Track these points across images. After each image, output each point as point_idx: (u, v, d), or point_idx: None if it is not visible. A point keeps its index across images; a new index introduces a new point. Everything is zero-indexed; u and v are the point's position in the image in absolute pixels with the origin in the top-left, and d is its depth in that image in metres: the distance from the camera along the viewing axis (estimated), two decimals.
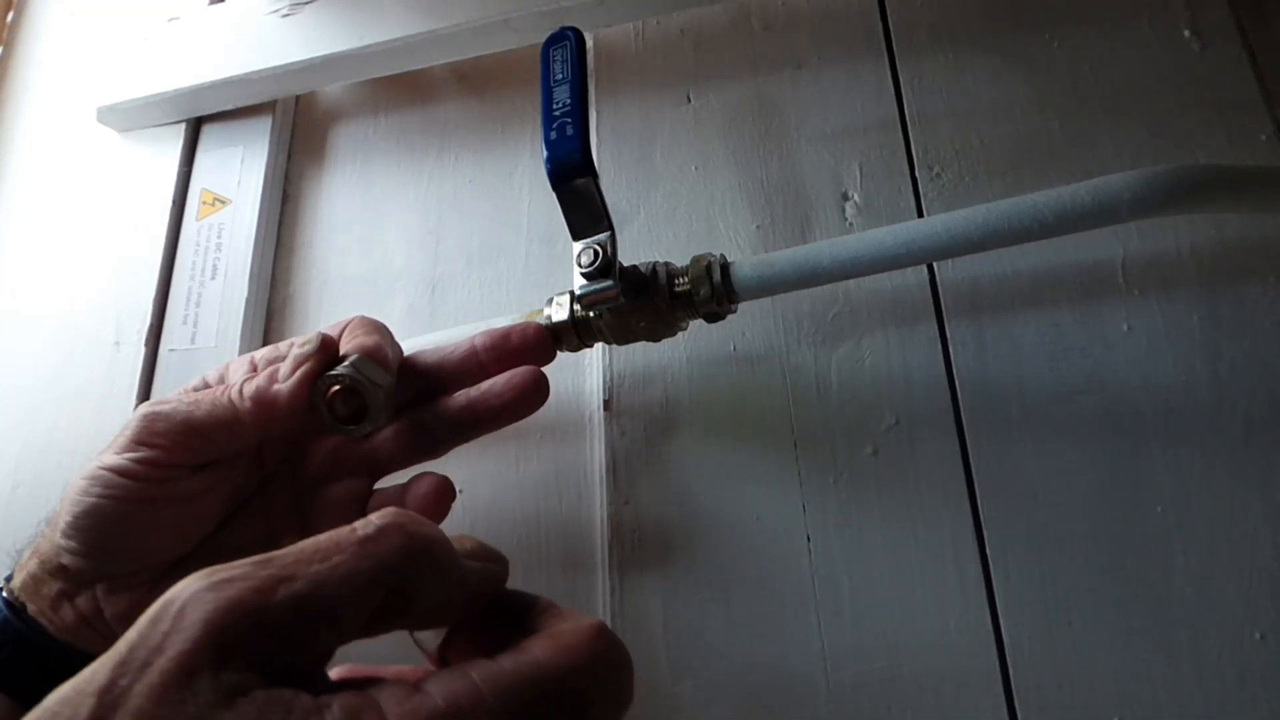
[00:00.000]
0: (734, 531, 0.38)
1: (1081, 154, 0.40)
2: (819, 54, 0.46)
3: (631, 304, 0.36)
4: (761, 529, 0.38)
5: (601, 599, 0.38)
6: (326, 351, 0.34)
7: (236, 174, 0.52)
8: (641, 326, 0.37)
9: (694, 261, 0.37)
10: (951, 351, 0.39)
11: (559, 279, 0.45)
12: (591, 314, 0.37)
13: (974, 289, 0.39)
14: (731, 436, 0.40)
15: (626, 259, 0.37)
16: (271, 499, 0.36)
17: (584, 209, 0.35)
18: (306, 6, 0.51)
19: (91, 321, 0.50)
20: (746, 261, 0.36)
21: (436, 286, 0.47)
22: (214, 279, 0.49)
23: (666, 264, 0.37)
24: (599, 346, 0.42)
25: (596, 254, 0.35)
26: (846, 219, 0.42)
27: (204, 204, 0.52)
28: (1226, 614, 0.33)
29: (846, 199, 0.43)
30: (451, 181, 0.50)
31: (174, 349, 0.48)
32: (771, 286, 0.36)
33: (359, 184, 0.52)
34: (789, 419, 0.39)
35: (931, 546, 0.36)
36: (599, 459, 0.41)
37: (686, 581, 0.38)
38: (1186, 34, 0.41)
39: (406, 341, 0.38)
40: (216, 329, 0.48)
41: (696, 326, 0.40)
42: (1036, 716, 0.33)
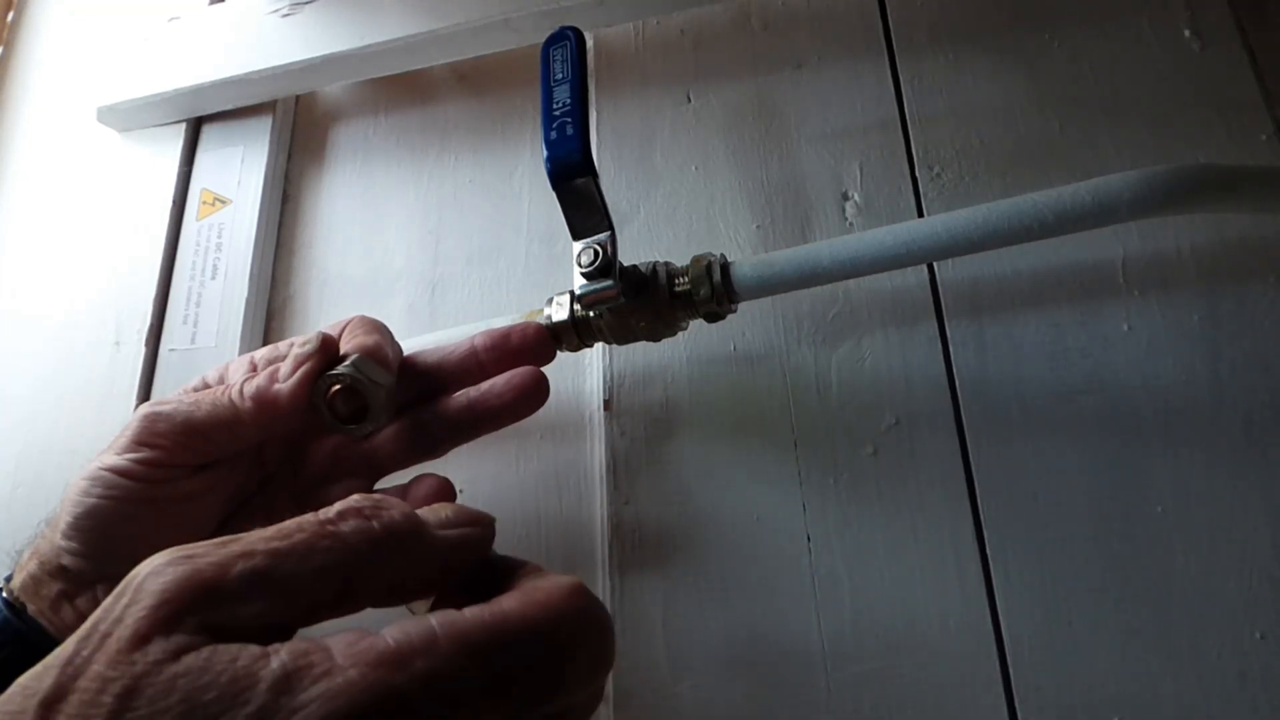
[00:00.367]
0: (734, 531, 0.38)
1: (1081, 154, 0.40)
2: (819, 54, 0.46)
3: (631, 304, 0.36)
4: (761, 529, 0.38)
5: (602, 597, 0.38)
6: (327, 351, 0.34)
7: (236, 174, 0.52)
8: (641, 326, 0.37)
9: (694, 261, 0.37)
10: (951, 351, 0.39)
11: (559, 279, 0.45)
12: (591, 314, 0.37)
13: (974, 289, 0.39)
14: (731, 436, 0.40)
15: (626, 259, 0.37)
16: (272, 499, 0.36)
17: (584, 209, 0.35)
18: (306, 6, 0.51)
19: (91, 321, 0.50)
20: (746, 261, 0.36)
21: (436, 286, 0.47)
22: (214, 279, 0.49)
23: (666, 264, 0.37)
24: (599, 346, 0.42)
25: (596, 254, 0.35)
26: (846, 219, 0.42)
27: (204, 204, 0.52)
28: (1226, 614, 0.33)
29: (846, 199, 0.43)
30: (451, 181, 0.50)
31: (174, 349, 0.48)
32: (771, 286, 0.36)
33: (359, 184, 0.52)
34: (789, 419, 0.39)
35: (931, 546, 0.36)
36: (599, 459, 0.41)
37: (686, 581, 0.38)
38: (1186, 34, 0.41)
39: (406, 341, 0.38)
40: (216, 329, 0.48)
41: (696, 326, 0.40)
42: (1036, 716, 0.33)
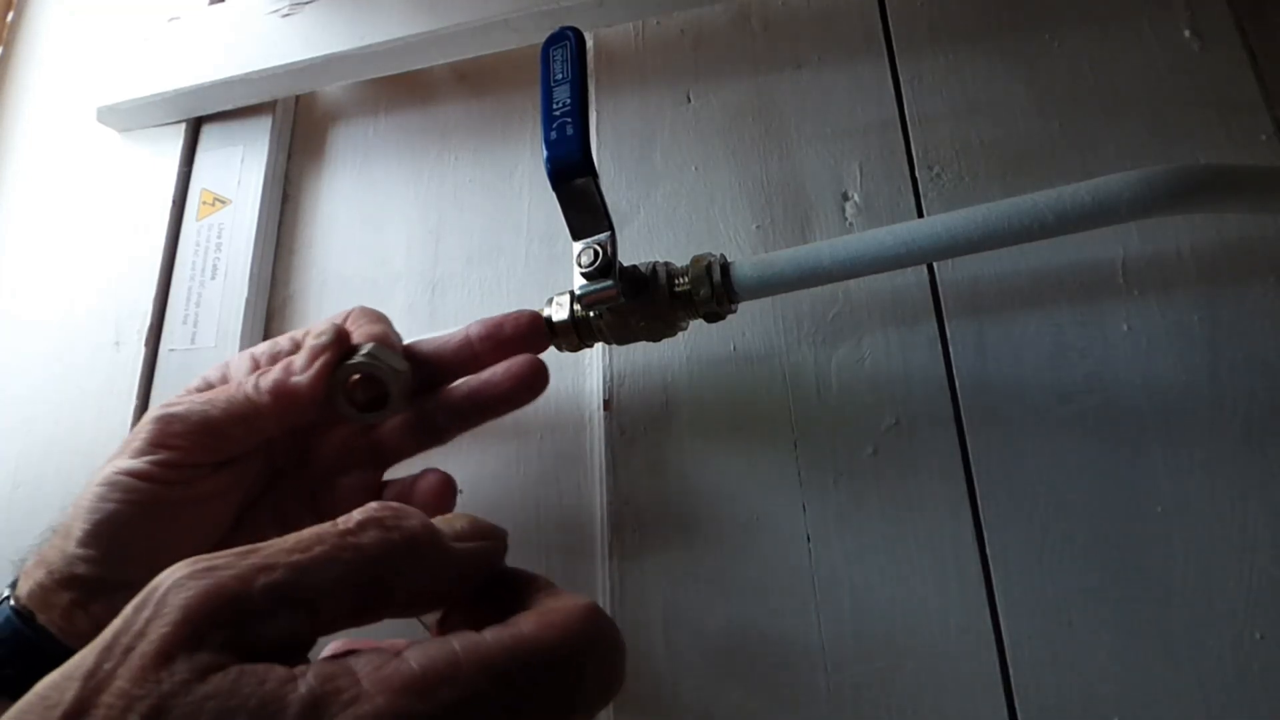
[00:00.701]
0: (734, 531, 0.38)
1: (1081, 154, 0.40)
2: (819, 54, 0.46)
3: (631, 304, 0.36)
4: (761, 529, 0.38)
5: (602, 598, 0.38)
6: (342, 341, 0.34)
7: (236, 174, 0.52)
8: (641, 326, 0.37)
9: (694, 261, 0.37)
10: (951, 351, 0.39)
11: (559, 279, 0.45)
12: (591, 314, 0.37)
13: (974, 289, 0.39)
14: (731, 436, 0.40)
15: (626, 259, 0.37)
16: (282, 495, 0.36)
17: (584, 209, 0.35)
18: (306, 6, 0.51)
19: (91, 322, 0.50)
20: (746, 261, 0.36)
21: (436, 286, 0.47)
22: (214, 279, 0.49)
23: (666, 264, 0.37)
24: (599, 346, 0.42)
25: (596, 254, 0.35)
26: (846, 219, 0.42)
27: (204, 204, 0.52)
28: (1226, 614, 0.33)
29: (846, 199, 0.43)
30: (451, 181, 0.50)
31: (174, 349, 0.48)
32: (771, 286, 0.36)
33: (359, 184, 0.52)
34: (789, 419, 0.39)
35: (931, 546, 0.36)
36: (599, 459, 0.41)
37: (687, 581, 0.38)
38: (1186, 34, 0.41)
39: (405, 342, 0.38)
40: (216, 329, 0.48)
41: (696, 326, 0.39)
42: (1036, 716, 0.33)
